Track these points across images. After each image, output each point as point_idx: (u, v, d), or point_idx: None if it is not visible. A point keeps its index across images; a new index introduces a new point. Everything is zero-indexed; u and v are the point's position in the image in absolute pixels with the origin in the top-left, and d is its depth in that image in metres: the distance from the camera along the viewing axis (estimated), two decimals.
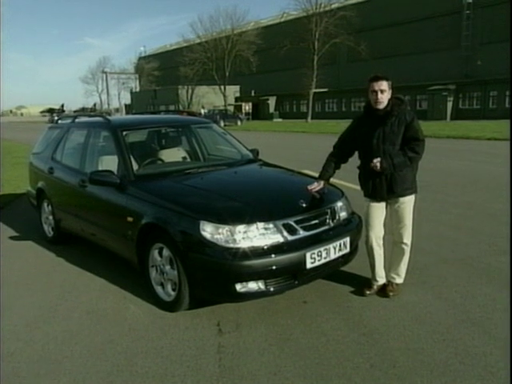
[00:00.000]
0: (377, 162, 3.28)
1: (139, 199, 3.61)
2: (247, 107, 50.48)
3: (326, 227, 3.36)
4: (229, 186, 3.75)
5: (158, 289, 3.50)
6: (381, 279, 3.61)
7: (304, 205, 3.34)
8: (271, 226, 3.10)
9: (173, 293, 3.35)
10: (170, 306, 3.37)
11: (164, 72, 63.73)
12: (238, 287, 2.98)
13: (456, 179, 8.68)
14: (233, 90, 54.66)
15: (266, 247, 3.02)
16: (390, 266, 3.61)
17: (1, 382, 2.61)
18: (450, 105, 36.84)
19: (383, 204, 3.48)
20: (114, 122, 4.39)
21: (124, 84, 72.41)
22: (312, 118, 41.57)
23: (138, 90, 69.39)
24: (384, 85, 3.31)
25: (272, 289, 3.06)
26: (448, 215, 5.94)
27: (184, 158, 4.82)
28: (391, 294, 3.51)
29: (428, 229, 5.21)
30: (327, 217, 3.41)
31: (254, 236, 3.03)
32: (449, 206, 6.43)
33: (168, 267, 3.35)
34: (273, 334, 3.02)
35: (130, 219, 3.61)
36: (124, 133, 4.17)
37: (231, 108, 49.15)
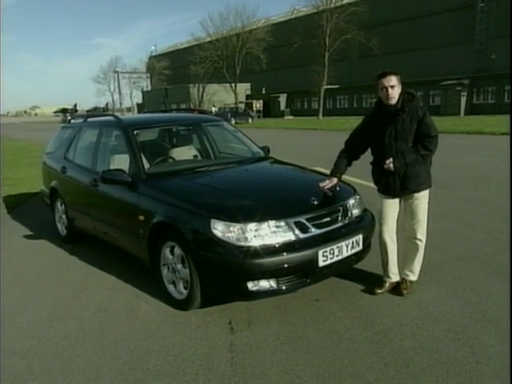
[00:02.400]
0: (389, 162, 3.27)
1: (150, 198, 3.61)
2: (258, 105, 50.43)
3: (338, 225, 3.32)
4: (240, 183, 3.74)
5: (170, 287, 3.50)
6: (393, 276, 3.55)
7: (316, 202, 3.31)
8: (283, 223, 3.07)
9: (185, 291, 3.35)
10: (182, 305, 3.37)
11: (175, 71, 63.92)
12: (250, 286, 2.97)
13: (469, 175, 8.54)
14: (243, 88, 54.60)
15: (277, 245, 2.99)
16: (404, 262, 3.56)
17: (16, 378, 2.64)
18: (463, 100, 36.26)
19: (397, 200, 3.46)
20: (124, 121, 4.40)
21: (135, 83, 72.73)
22: (323, 115, 41.34)
23: (149, 89, 69.75)
24: (393, 80, 3.27)
25: (284, 287, 3.04)
26: (461, 212, 5.85)
27: (195, 156, 4.82)
28: (405, 291, 3.46)
29: (441, 225, 5.13)
30: (339, 214, 3.38)
31: (266, 234, 3.02)
32: (462, 203, 6.33)
33: (180, 266, 3.35)
34: (285, 332, 3.00)
35: (141, 218, 3.62)
36: (135, 132, 4.19)
37: (242, 106, 49.13)
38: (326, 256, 3.10)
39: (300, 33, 40.76)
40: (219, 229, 3.03)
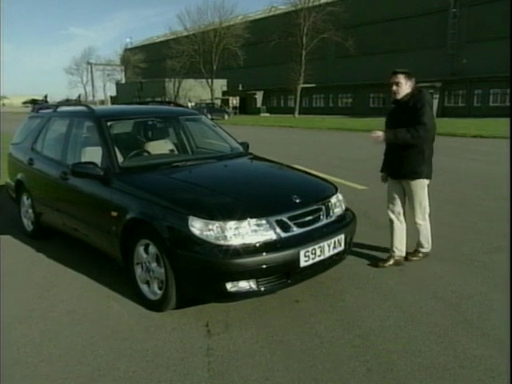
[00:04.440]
0: (379, 133, 3.76)
1: (124, 193, 3.43)
2: (234, 101, 50.18)
3: (320, 224, 3.23)
4: (219, 180, 3.59)
5: (144, 287, 3.33)
6: (397, 251, 3.98)
7: (298, 200, 3.20)
8: (264, 222, 2.95)
9: (159, 291, 3.19)
10: (156, 306, 3.20)
11: (150, 64, 62.92)
12: (229, 286, 2.83)
13: (445, 176, 8.64)
14: (220, 84, 54.26)
15: (258, 244, 2.87)
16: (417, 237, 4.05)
17: None
18: (435, 102, 37.04)
19: (400, 181, 3.91)
20: (98, 112, 4.18)
21: (109, 76, 71.24)
22: (299, 114, 41.50)
23: (123, 81, 68.38)
24: (399, 78, 3.77)
25: (264, 288, 2.92)
26: (440, 212, 5.85)
27: (171, 150, 4.64)
28: (414, 259, 4.03)
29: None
30: (321, 213, 3.28)
31: (246, 233, 2.89)
32: (440, 203, 6.36)
33: (154, 265, 3.18)
34: (264, 335, 2.88)
35: (114, 214, 3.43)
36: (109, 123, 3.97)
37: (218, 102, 48.79)
38: (308, 256, 2.99)
39: (278, 30, 40.76)
40: (197, 227, 2.88)
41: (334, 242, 3.19)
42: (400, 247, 3.98)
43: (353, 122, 28.31)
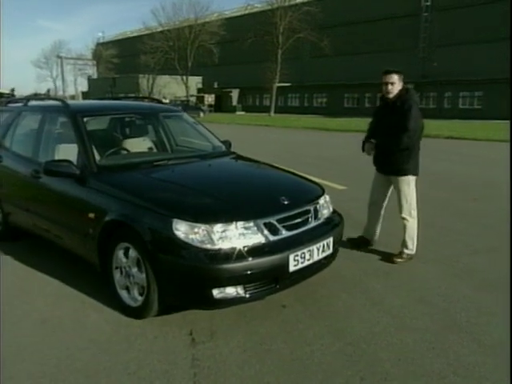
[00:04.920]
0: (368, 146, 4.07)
1: (102, 193, 3.23)
2: (210, 99, 49.79)
3: (308, 226, 3.12)
4: (203, 180, 3.44)
5: (123, 293, 3.15)
6: (366, 233, 4.35)
7: (286, 202, 3.08)
8: (252, 225, 2.82)
9: (140, 298, 3.01)
10: (137, 313, 3.03)
11: (123, 60, 61.64)
12: (215, 293, 2.69)
13: (423, 177, 8.71)
14: (195, 81, 53.72)
15: (246, 248, 2.74)
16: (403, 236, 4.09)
17: None
18: None
19: (388, 176, 4.08)
20: (73, 107, 3.95)
21: (81, 70, 69.41)
22: (275, 112, 41.51)
23: (95, 77, 66.80)
24: (393, 77, 3.81)
25: (252, 294, 2.79)
26: (420, 213, 5.87)
27: (150, 148, 4.44)
28: (398, 260, 4.01)
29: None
30: (310, 215, 3.18)
31: (233, 236, 2.75)
32: (422, 204, 6.37)
33: (135, 269, 3.01)
34: (252, 343, 2.76)
35: (91, 215, 3.23)
36: (85, 119, 3.75)
37: (193, 99, 48.26)
38: (297, 260, 2.89)
39: (254, 29, 40.62)
40: (182, 230, 2.73)
41: (323, 246, 3.09)
42: (370, 230, 4.33)
43: (328, 121, 28.49)
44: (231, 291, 2.73)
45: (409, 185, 3.98)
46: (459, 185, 7.89)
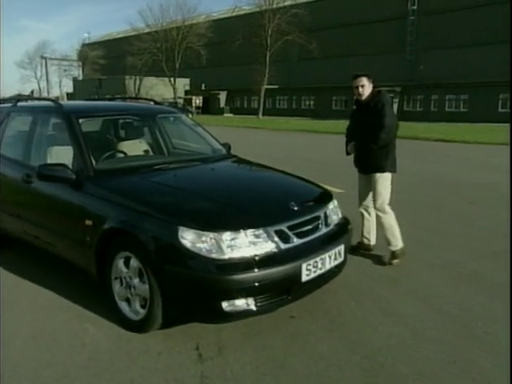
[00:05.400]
0: (350, 148, 4.16)
1: (100, 199, 3.05)
2: (198, 101, 49.44)
3: (319, 233, 2.98)
4: (208, 185, 3.27)
5: (123, 305, 2.96)
6: (365, 240, 4.36)
7: (296, 208, 2.94)
8: (262, 232, 2.67)
9: (142, 310, 2.83)
10: (139, 326, 2.85)
11: (110, 61, 60.91)
12: (225, 306, 2.53)
13: (418, 180, 8.67)
14: (183, 83, 53.34)
15: (256, 258, 2.58)
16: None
17: None
18: (395, 106, 38.07)
19: (368, 175, 4.13)
20: (66, 108, 3.75)
21: (66, 71, 68.37)
22: (263, 115, 41.41)
23: (81, 78, 65.92)
24: (363, 80, 3.99)
25: (262, 307, 2.63)
26: (420, 217, 5.80)
27: (146, 151, 4.26)
28: (394, 261, 4.04)
29: (404, 231, 5.02)
30: (320, 222, 3.04)
31: (243, 245, 2.59)
32: (419, 208, 6.32)
33: (136, 280, 2.83)
34: (263, 358, 2.60)
35: (88, 223, 3.04)
36: (80, 120, 3.55)
37: (181, 101, 47.91)
38: (310, 270, 2.74)
39: (242, 31, 40.50)
40: (188, 238, 2.56)
41: (335, 253, 2.95)
42: (368, 236, 4.35)
43: (318, 124, 28.50)
44: (241, 303, 2.57)
45: (386, 181, 4.08)
46: (453, 188, 7.85)
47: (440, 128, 23.80)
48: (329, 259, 2.89)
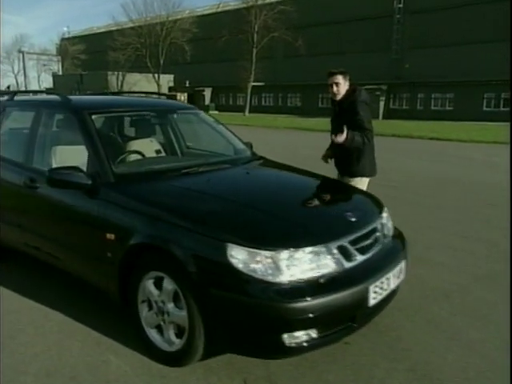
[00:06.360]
0: (341, 135, 3.49)
1: (124, 209, 2.60)
2: (182, 98, 48.57)
3: (380, 247, 2.59)
4: (250, 192, 2.84)
5: (153, 333, 2.53)
6: None
7: (353, 218, 2.55)
8: (323, 249, 2.27)
9: (177, 340, 2.41)
10: (174, 359, 2.43)
11: (91, 56, 59.41)
12: (285, 338, 2.12)
13: (426, 181, 8.40)
14: (166, 79, 52.38)
15: (320, 280, 2.19)
16: None
17: None
18: (382, 104, 38.15)
19: (347, 179, 3.80)
20: (76, 102, 3.28)
21: (45, 66, 66.45)
22: (249, 112, 40.95)
23: (61, 73, 64.15)
24: (338, 78, 3.69)
25: (327, 337, 2.24)
26: (443, 221, 5.49)
27: (158, 151, 3.81)
28: None
29: (433, 237, 4.70)
30: (379, 234, 2.65)
31: (303, 265, 2.19)
32: (438, 211, 6.01)
33: (171, 305, 2.40)
34: None
35: (109, 236, 2.59)
36: (93, 116, 3.09)
37: (165, 98, 46.96)
38: (376, 292, 2.36)
39: (228, 27, 39.91)
40: (240, 258, 2.15)
41: (399, 271, 2.58)
42: None
43: (306, 121, 28.17)
44: (302, 335, 2.16)
45: (363, 185, 3.77)
46: (468, 189, 7.59)
47: (429, 126, 23.75)
48: (393, 278, 2.51)
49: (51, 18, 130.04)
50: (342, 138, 3.48)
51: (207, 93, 50.65)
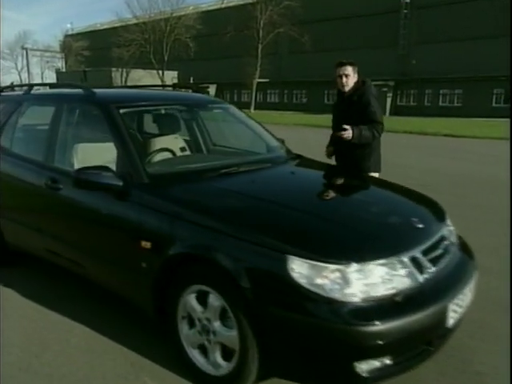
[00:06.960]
0: (348, 131, 3.35)
1: (162, 214, 2.31)
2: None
3: (450, 258, 2.29)
4: (302, 195, 2.51)
5: (195, 354, 2.24)
6: None
7: (420, 225, 2.25)
8: (395, 262, 1.97)
9: (225, 364, 2.12)
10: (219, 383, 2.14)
11: (95, 52, 59.16)
12: (359, 367, 1.83)
13: (460, 180, 8.05)
14: (171, 76, 52.05)
15: (396, 298, 1.89)
16: None
17: None
18: (389, 101, 37.72)
19: None
20: (102, 96, 2.99)
21: (49, 63, 66.23)
22: (254, 109, 40.61)
23: (64, 70, 63.92)
24: (348, 70, 3.55)
25: (402, 364, 1.94)
26: (491, 224, 5.17)
27: (182, 148, 3.52)
28: None
29: (480, 240, 4.40)
30: (448, 243, 2.35)
31: (375, 280, 1.90)
32: (484, 213, 5.70)
33: (217, 324, 2.11)
34: None
35: (145, 244, 2.30)
36: (121, 111, 2.79)
37: None
38: (455, 310, 2.06)
39: (233, 23, 39.52)
40: (303, 272, 1.85)
41: (474, 284, 2.28)
42: None
43: (314, 118, 27.80)
44: (377, 362, 1.87)
45: None
46: (495, 187, 7.26)
47: (439, 123, 23.33)
48: (469, 293, 2.21)
49: (52, 15, 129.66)
50: (349, 134, 3.37)
51: (212, 89, 50.19)
